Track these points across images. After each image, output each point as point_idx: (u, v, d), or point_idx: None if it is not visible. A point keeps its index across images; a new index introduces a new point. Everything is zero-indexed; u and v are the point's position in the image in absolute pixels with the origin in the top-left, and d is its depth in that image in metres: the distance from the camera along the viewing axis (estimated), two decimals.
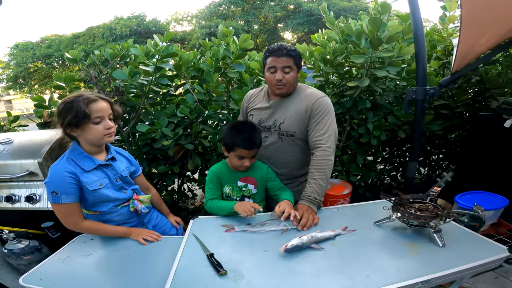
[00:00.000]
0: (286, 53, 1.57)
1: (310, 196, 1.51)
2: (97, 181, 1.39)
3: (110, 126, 1.36)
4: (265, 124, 1.73)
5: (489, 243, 1.14)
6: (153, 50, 2.21)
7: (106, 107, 1.35)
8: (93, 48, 15.40)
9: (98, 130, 1.34)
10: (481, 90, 2.78)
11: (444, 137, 2.88)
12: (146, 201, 1.55)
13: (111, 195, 1.43)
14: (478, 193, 1.87)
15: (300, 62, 1.67)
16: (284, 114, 1.66)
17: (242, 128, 1.58)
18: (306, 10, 18.73)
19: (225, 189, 1.69)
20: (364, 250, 1.13)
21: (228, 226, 1.39)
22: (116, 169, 1.48)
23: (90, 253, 1.35)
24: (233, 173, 1.68)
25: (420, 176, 3.45)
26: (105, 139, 1.37)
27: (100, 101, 1.33)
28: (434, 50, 2.76)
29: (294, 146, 1.70)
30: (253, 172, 1.69)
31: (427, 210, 1.21)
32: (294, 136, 1.67)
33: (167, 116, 2.28)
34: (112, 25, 19.74)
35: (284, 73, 1.59)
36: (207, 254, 1.14)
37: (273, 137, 1.71)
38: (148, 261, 1.27)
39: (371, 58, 2.18)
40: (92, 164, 1.38)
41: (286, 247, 1.13)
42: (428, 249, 1.11)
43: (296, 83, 1.68)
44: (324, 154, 1.55)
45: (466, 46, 2.07)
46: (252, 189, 1.69)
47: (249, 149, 1.55)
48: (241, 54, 2.33)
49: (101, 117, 1.33)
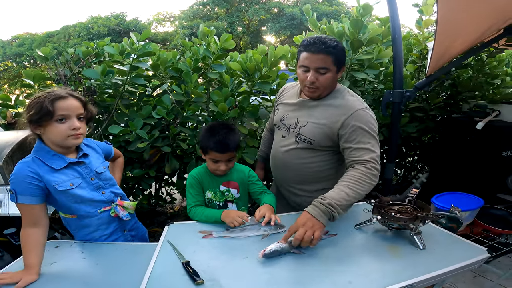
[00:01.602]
0: (323, 49, 1.28)
1: (324, 200, 1.18)
2: (67, 181, 1.27)
3: (76, 127, 1.23)
4: (286, 122, 1.53)
5: (469, 245, 1.16)
6: (129, 49, 2.12)
7: (75, 106, 1.24)
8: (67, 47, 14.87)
9: (61, 129, 1.21)
10: (453, 94, 2.88)
11: (419, 139, 2.95)
12: (130, 208, 1.45)
13: (86, 195, 1.32)
14: (454, 193, 1.92)
15: (343, 59, 1.38)
16: (309, 117, 1.44)
17: (216, 129, 1.49)
18: (289, 15, 19.03)
19: (207, 195, 1.61)
20: (345, 255, 1.12)
21: (205, 232, 1.32)
22: (90, 166, 1.36)
23: (54, 261, 1.24)
24: (215, 178, 1.60)
25: (397, 177, 3.52)
26: (70, 140, 1.24)
27: (69, 99, 1.22)
28: (410, 53, 2.83)
29: (311, 153, 1.47)
30: (235, 175, 1.62)
31: (407, 212, 1.22)
32: (312, 145, 1.44)
33: (142, 117, 2.19)
34: (90, 24, 19.11)
35: (318, 74, 1.33)
36: (183, 262, 1.08)
37: (291, 139, 1.51)
38: (119, 269, 1.19)
39: (351, 60, 2.20)
40: (63, 162, 1.27)
41: (264, 252, 1.09)
42: (409, 252, 1.11)
43: (333, 86, 1.42)
44: (367, 172, 1.26)
45: (440, 49, 2.13)
46: (235, 194, 1.62)
47: (221, 153, 1.46)
48: (221, 55, 2.28)
49: (66, 116, 1.21)
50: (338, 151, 1.44)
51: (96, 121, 2.41)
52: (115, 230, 1.45)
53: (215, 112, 2.15)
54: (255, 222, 1.35)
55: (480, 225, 1.78)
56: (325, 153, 1.46)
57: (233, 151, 1.50)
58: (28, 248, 1.18)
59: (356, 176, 1.25)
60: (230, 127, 1.55)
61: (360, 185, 1.23)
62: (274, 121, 1.65)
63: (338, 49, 1.33)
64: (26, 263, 1.15)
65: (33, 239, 1.19)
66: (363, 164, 1.28)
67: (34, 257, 1.17)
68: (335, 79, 1.40)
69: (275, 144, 1.63)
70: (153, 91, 2.50)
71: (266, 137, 1.89)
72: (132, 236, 1.53)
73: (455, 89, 2.85)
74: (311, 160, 1.47)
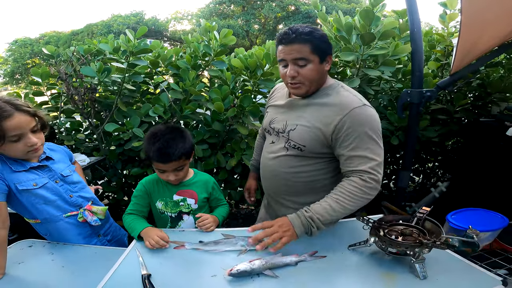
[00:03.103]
0: (295, 38, 1.13)
1: (306, 213, 1.09)
2: (31, 181, 1.21)
3: (32, 143, 1.15)
4: (275, 125, 1.36)
5: (480, 273, 0.98)
6: (124, 46, 2.05)
7: (25, 121, 1.13)
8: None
9: (18, 148, 1.14)
10: (482, 95, 2.60)
11: (441, 144, 2.69)
12: (100, 213, 1.38)
13: (50, 197, 1.25)
14: (474, 210, 1.69)
15: (326, 48, 1.19)
16: (299, 119, 1.26)
17: (158, 136, 1.31)
18: (304, 12, 18.95)
19: (157, 205, 1.45)
20: (330, 281, 0.96)
21: (177, 243, 1.20)
22: (54, 169, 1.31)
23: (23, 260, 1.20)
24: (168, 186, 1.44)
25: (414, 184, 3.27)
26: (30, 155, 1.18)
27: (16, 116, 1.10)
28: (433, 50, 2.57)
29: (302, 161, 1.27)
30: (194, 184, 1.46)
31: (411, 235, 1.04)
32: (303, 151, 1.25)
33: (141, 115, 2.13)
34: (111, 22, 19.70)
35: (298, 67, 1.16)
36: (142, 275, 0.98)
37: (280, 145, 1.32)
38: (83, 273, 1.12)
39: (363, 55, 2.00)
40: (22, 167, 1.21)
41: (231, 271, 0.97)
42: (407, 281, 0.94)
43: (320, 79, 1.22)
44: (363, 184, 1.11)
45: (466, 45, 1.89)
46: (192, 204, 1.45)
47: (163, 163, 1.30)
48: (222, 51, 2.16)
49: (19, 135, 1.12)
50: (335, 158, 1.25)
51: (97, 119, 2.39)
52: (89, 235, 1.39)
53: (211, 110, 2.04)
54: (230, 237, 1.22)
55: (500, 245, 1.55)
56: (319, 161, 1.26)
57: (179, 160, 1.32)
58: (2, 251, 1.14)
59: (348, 190, 1.11)
60: (176, 131, 1.36)
61: (351, 200, 1.10)
62: (264, 126, 1.49)
63: (315, 35, 1.14)
64: None
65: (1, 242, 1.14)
66: (360, 176, 1.12)
67: (2, 259, 1.13)
68: (321, 71, 1.20)
69: (264, 151, 1.46)
70: (156, 88, 2.43)
71: (259, 144, 1.71)
72: (108, 241, 1.46)
73: (484, 90, 2.57)
74: (303, 169, 1.28)
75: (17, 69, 20.87)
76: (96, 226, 1.38)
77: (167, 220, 1.47)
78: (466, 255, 1.16)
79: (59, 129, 2.40)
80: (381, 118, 2.39)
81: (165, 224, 1.48)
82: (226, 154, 2.28)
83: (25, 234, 1.41)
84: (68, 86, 2.16)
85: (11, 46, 21.11)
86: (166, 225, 1.48)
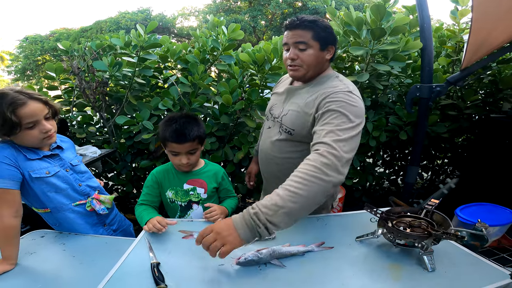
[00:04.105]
0: (299, 24, 1.18)
1: (253, 209, 0.91)
2: (44, 169, 1.24)
3: (47, 129, 1.19)
4: (273, 111, 1.41)
5: (489, 267, 0.97)
6: (135, 41, 2.08)
7: (39, 109, 1.17)
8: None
9: (33, 135, 1.18)
10: (493, 91, 2.56)
11: (450, 141, 2.66)
12: (107, 201, 1.41)
13: (61, 185, 1.29)
14: (483, 205, 1.67)
15: (329, 37, 1.22)
16: (291, 104, 1.30)
17: (175, 119, 1.38)
18: (312, 8, 18.67)
19: (167, 194, 1.48)
20: (336, 272, 0.96)
21: (186, 233, 1.22)
22: (64, 158, 1.34)
23: (35, 251, 1.22)
24: (179, 175, 1.48)
25: (422, 181, 3.24)
26: (45, 141, 1.22)
27: (30, 104, 1.14)
28: (444, 46, 2.54)
29: (293, 146, 1.31)
30: (204, 173, 1.49)
31: (420, 227, 1.04)
32: (292, 135, 1.28)
33: (151, 109, 2.16)
34: (119, 19, 19.83)
35: (298, 51, 1.21)
36: (152, 263, 0.99)
37: (275, 129, 1.37)
38: (93, 264, 1.14)
39: (372, 50, 1.99)
40: (36, 155, 1.24)
41: (239, 260, 0.98)
42: (415, 273, 0.93)
43: (318, 66, 1.25)
44: (317, 159, 0.96)
45: (477, 39, 1.86)
46: (201, 194, 1.48)
47: (178, 143, 1.34)
48: (230, 45, 2.17)
49: (34, 122, 1.16)
50: None
51: (108, 112, 2.43)
52: (95, 224, 1.41)
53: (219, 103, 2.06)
54: None
55: (509, 241, 1.53)
56: (308, 147, 1.16)
57: (193, 142, 1.37)
58: (10, 241, 1.15)
59: (300, 171, 0.94)
60: (191, 117, 1.43)
61: (302, 183, 0.91)
62: (265, 112, 1.54)
63: (319, 24, 1.19)
64: (5, 255, 1.13)
65: (16, 231, 1.16)
66: (317, 150, 0.99)
67: (14, 250, 1.15)
68: (320, 58, 1.23)
69: (262, 136, 1.51)
70: (165, 82, 2.46)
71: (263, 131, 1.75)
72: (114, 231, 1.49)
73: (495, 86, 2.53)
74: (293, 155, 1.30)
75: (28, 66, 21.18)
76: (102, 215, 1.42)
77: (177, 209, 1.50)
78: (474, 249, 1.15)
79: (71, 123, 2.45)
80: (390, 113, 2.39)
81: (174, 214, 1.51)
82: (233, 148, 2.29)
83: (38, 226, 1.43)
84: (80, 80, 2.20)
85: (21, 43, 21.42)
86: (176, 215, 1.50)
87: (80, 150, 2.05)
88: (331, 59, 1.27)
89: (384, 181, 2.93)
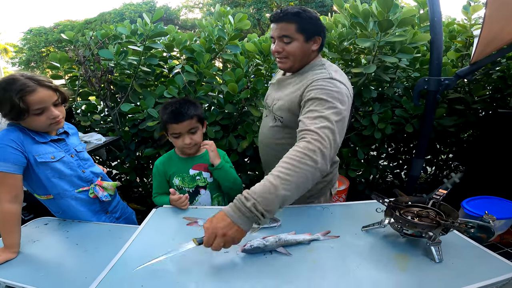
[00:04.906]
0: (283, 17, 1.20)
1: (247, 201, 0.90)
2: (49, 154, 1.25)
3: (55, 116, 1.21)
4: (267, 101, 1.46)
5: (495, 259, 0.95)
6: (141, 29, 2.06)
7: (48, 96, 1.18)
8: None
9: (41, 121, 1.19)
10: (502, 87, 2.53)
11: (456, 135, 2.64)
12: (110, 188, 1.42)
13: (66, 171, 1.29)
14: (489, 198, 1.66)
15: (313, 29, 1.23)
16: (282, 93, 1.34)
17: (171, 103, 1.42)
18: (318, 1, 18.41)
19: (174, 181, 1.48)
20: (341, 261, 0.95)
21: (190, 219, 1.21)
22: (70, 144, 1.35)
23: (38, 239, 1.23)
24: (184, 162, 1.49)
25: (426, 175, 3.23)
26: (52, 127, 1.24)
27: (38, 90, 1.14)
28: (453, 41, 2.51)
29: (284, 133, 1.35)
30: (208, 157, 1.49)
31: (427, 217, 1.03)
32: (283, 123, 1.32)
33: (156, 97, 2.15)
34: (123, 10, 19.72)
35: (283, 44, 1.23)
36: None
37: (270, 117, 1.42)
38: (96, 251, 1.14)
39: (380, 42, 1.96)
40: (43, 139, 1.25)
41: (245, 247, 0.97)
42: (421, 264, 0.92)
43: (305, 57, 1.27)
44: (304, 147, 0.98)
45: (489, 34, 1.83)
46: (207, 178, 1.49)
47: (177, 122, 1.37)
48: (236, 35, 2.14)
49: (42, 109, 1.17)
50: None
51: (113, 101, 2.42)
52: (97, 211, 1.41)
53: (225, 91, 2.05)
54: None
55: None
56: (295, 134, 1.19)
57: (191, 120, 1.39)
58: (10, 227, 1.13)
59: (289, 157, 0.97)
60: (187, 99, 1.47)
61: (291, 169, 0.94)
62: (263, 102, 1.57)
63: (302, 16, 1.20)
64: (6, 243, 1.12)
65: (16, 218, 1.15)
66: (303, 138, 1.02)
67: (16, 237, 1.14)
68: (306, 50, 1.25)
69: (261, 124, 1.56)
70: (170, 72, 2.44)
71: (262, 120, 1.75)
72: (117, 218, 1.49)
73: (504, 81, 2.50)
74: (285, 141, 1.33)
75: (32, 58, 21.23)
76: (104, 202, 1.42)
77: None
78: (481, 241, 1.15)
79: (76, 111, 2.45)
80: (396, 106, 2.37)
81: None
82: (237, 137, 2.28)
83: (42, 215, 1.44)
84: (86, 69, 2.20)
85: (26, 35, 21.46)
86: None
87: (85, 137, 2.05)
88: (319, 49, 1.29)
89: (388, 174, 2.92)
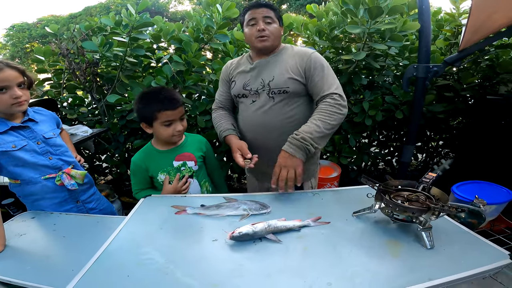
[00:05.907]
0: (265, 4, 1.42)
1: (297, 135, 1.25)
2: (10, 142, 1.26)
3: (17, 95, 1.24)
4: (251, 87, 1.47)
5: (488, 246, 0.93)
6: (126, 20, 2.01)
7: (13, 76, 1.23)
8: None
9: (3, 99, 1.23)
10: (491, 75, 2.54)
11: (446, 122, 2.66)
12: (78, 177, 1.40)
13: (29, 159, 1.30)
14: (479, 183, 1.66)
15: (282, 20, 1.51)
16: (273, 71, 1.43)
17: (155, 91, 1.37)
18: None
19: (160, 177, 1.44)
20: (332, 248, 0.94)
21: (179, 208, 1.19)
22: (36, 131, 1.35)
23: (24, 232, 1.20)
24: (164, 155, 1.44)
25: (417, 162, 3.25)
26: (14, 108, 1.26)
27: (5, 70, 1.21)
28: (442, 30, 2.51)
29: (289, 105, 1.43)
30: (189, 146, 1.48)
31: (418, 201, 1.02)
32: (288, 93, 1.41)
33: (143, 87, 2.10)
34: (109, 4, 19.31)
35: (266, 24, 1.41)
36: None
37: (262, 99, 1.44)
38: (84, 243, 1.11)
39: (370, 29, 1.95)
40: (5, 126, 1.27)
41: (233, 234, 0.95)
42: (413, 251, 0.91)
43: (279, 40, 1.50)
44: (334, 102, 1.32)
45: (476, 22, 1.83)
46: (192, 166, 1.46)
47: (173, 108, 1.34)
48: (225, 24, 2.10)
49: (5, 86, 1.22)
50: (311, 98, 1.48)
51: (100, 93, 2.37)
52: (65, 200, 1.41)
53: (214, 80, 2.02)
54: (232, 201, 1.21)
55: (505, 223, 1.53)
56: (302, 101, 1.47)
57: (182, 106, 1.39)
58: None
59: (324, 108, 1.31)
60: (166, 88, 1.49)
61: (329, 116, 1.29)
62: (235, 93, 1.54)
63: (276, 8, 1.46)
64: None
65: None
66: (330, 96, 1.34)
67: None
68: (280, 33, 1.48)
69: (247, 113, 1.51)
70: (158, 63, 2.39)
71: (223, 114, 1.61)
72: (91, 209, 1.48)
73: (493, 70, 2.51)
74: (291, 114, 1.45)
75: (16, 54, 20.67)
76: (73, 191, 1.41)
77: None
78: (472, 227, 1.15)
79: (62, 104, 2.38)
80: (386, 93, 2.37)
81: None
82: None
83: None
84: (70, 62, 2.14)
85: (8, 32, 20.83)
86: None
87: (71, 129, 2.00)
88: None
89: (380, 161, 2.93)
